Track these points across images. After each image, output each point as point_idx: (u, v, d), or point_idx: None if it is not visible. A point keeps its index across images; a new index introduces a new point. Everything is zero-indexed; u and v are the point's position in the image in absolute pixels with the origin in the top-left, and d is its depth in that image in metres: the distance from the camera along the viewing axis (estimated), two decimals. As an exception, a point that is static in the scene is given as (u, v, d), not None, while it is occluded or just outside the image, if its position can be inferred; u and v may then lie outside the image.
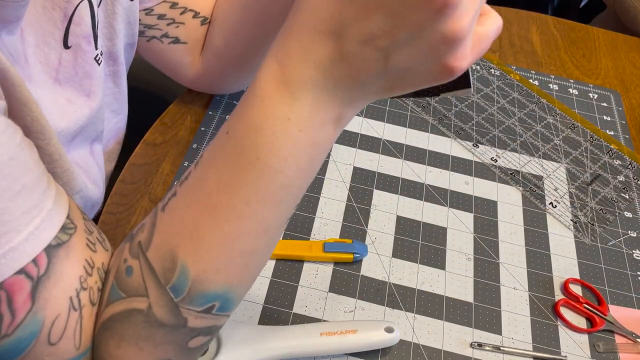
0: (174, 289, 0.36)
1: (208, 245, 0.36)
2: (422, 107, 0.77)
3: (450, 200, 0.67)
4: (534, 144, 0.75)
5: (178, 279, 0.36)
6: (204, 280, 0.36)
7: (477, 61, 0.86)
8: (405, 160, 0.70)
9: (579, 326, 0.57)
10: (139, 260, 0.37)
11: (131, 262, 0.38)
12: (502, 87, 0.82)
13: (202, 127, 0.69)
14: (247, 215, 0.35)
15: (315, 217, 0.63)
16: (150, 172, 0.65)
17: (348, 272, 0.58)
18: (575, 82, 0.86)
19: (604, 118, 0.81)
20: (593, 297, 0.60)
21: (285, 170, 0.34)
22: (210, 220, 0.36)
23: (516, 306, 0.58)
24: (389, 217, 0.64)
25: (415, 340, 0.54)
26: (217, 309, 0.38)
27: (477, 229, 0.64)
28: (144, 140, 0.67)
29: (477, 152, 0.73)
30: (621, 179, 0.73)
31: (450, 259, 0.61)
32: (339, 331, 0.51)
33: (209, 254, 0.36)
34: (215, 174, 0.35)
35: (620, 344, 0.57)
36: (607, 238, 0.66)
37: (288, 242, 0.59)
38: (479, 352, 0.54)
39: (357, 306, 0.56)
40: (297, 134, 0.34)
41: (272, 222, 0.37)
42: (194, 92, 0.74)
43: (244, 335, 0.50)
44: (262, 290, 0.56)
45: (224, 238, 0.36)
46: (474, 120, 0.77)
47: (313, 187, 0.65)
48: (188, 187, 0.37)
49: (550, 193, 0.69)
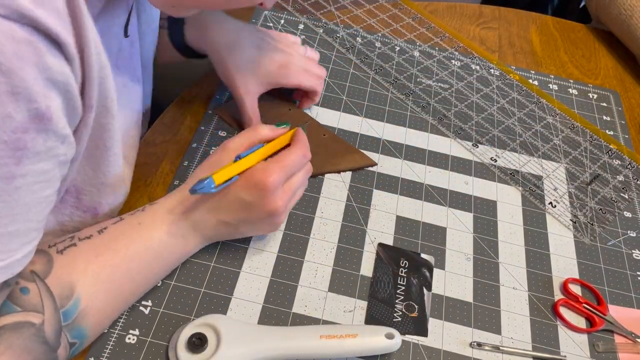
0: (65, 313, 0.44)
1: (101, 288, 0.47)
2: (421, 107, 0.77)
3: (450, 200, 0.67)
4: (533, 143, 0.75)
5: (71, 306, 0.44)
6: (86, 315, 0.46)
7: (477, 61, 0.86)
8: (405, 160, 0.70)
9: (578, 326, 0.57)
10: (35, 283, 0.44)
11: (26, 284, 0.43)
12: (502, 87, 0.83)
13: (201, 126, 0.69)
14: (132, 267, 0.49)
15: (315, 217, 0.63)
16: (150, 171, 0.65)
17: (348, 272, 0.58)
18: (574, 82, 0.86)
19: (604, 118, 0.81)
20: (592, 297, 0.60)
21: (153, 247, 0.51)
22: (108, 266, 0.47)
23: (516, 306, 0.58)
24: (388, 217, 0.64)
25: (415, 340, 0.54)
26: (74, 349, 0.46)
27: (477, 229, 0.64)
28: (143, 140, 0.67)
29: (477, 152, 0.73)
30: (621, 178, 0.73)
31: (450, 258, 0.61)
32: (338, 335, 0.51)
33: (98, 296, 0.46)
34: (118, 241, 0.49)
35: (620, 343, 0.57)
36: (607, 238, 0.66)
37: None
38: (478, 352, 0.54)
39: (357, 306, 0.56)
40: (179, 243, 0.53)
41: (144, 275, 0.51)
42: (193, 92, 0.74)
43: (243, 335, 0.50)
44: (261, 290, 0.56)
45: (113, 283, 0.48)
46: (473, 120, 0.77)
47: (313, 187, 0.65)
48: (91, 243, 0.48)
49: (549, 193, 0.69)
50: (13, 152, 0.35)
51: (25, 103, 0.35)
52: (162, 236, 0.51)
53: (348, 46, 0.84)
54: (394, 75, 0.81)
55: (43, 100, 0.36)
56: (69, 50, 0.37)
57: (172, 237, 0.52)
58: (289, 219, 0.62)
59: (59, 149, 0.40)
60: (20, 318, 0.42)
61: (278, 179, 0.52)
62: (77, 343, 0.46)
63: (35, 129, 0.36)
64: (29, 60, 0.34)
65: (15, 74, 0.33)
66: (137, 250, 0.50)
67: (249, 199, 0.52)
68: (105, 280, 0.47)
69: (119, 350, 0.50)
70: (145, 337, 0.51)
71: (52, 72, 0.36)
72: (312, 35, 0.85)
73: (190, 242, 0.54)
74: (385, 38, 0.87)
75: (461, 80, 0.82)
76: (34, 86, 0.35)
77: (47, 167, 0.39)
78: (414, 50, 0.86)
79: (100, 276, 0.47)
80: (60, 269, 0.45)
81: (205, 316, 0.51)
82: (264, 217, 0.53)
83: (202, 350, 0.48)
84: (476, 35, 0.92)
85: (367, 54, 0.84)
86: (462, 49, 0.88)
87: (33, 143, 0.36)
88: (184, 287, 0.55)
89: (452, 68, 0.84)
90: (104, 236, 0.49)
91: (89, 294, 0.46)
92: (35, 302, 0.43)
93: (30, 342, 0.42)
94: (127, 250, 0.49)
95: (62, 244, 0.47)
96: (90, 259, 0.47)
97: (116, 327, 0.51)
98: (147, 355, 0.50)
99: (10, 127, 0.34)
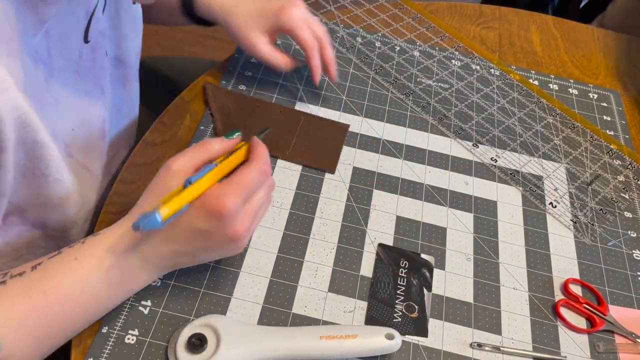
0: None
1: (27, 333, 0.43)
2: (421, 107, 0.77)
3: (450, 200, 0.66)
4: (533, 144, 0.75)
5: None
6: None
7: (477, 61, 0.86)
8: (405, 160, 0.70)
9: (578, 326, 0.57)
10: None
11: None
12: (502, 87, 0.82)
13: (201, 126, 0.69)
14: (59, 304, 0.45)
15: (314, 217, 0.62)
16: (150, 171, 0.64)
17: (348, 272, 0.58)
18: (575, 82, 0.86)
19: (604, 118, 0.81)
20: (593, 297, 0.60)
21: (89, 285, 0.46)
22: (36, 310, 0.44)
23: (516, 306, 0.58)
24: (388, 217, 0.64)
25: (415, 340, 0.54)
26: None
27: (477, 229, 0.64)
28: (143, 140, 0.67)
29: (477, 152, 0.73)
30: (621, 179, 0.72)
31: (450, 259, 0.61)
32: (338, 335, 0.50)
33: (22, 341, 0.43)
34: (49, 279, 0.45)
35: (620, 344, 0.57)
36: (607, 238, 0.66)
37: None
38: (478, 352, 0.54)
39: (357, 306, 0.56)
40: (123, 279, 0.48)
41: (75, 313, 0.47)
42: (193, 92, 0.74)
43: (242, 335, 0.50)
44: (261, 290, 0.56)
45: (41, 328, 0.44)
46: (473, 120, 0.77)
47: (313, 187, 0.65)
48: (21, 282, 0.44)
49: (550, 193, 0.69)
50: None
51: None
52: (100, 275, 0.46)
53: (348, 46, 0.84)
54: (394, 75, 0.81)
55: None
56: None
57: (112, 275, 0.47)
58: (289, 219, 0.62)
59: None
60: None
61: (236, 203, 0.46)
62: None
63: None
64: None
65: None
66: (68, 292, 0.45)
67: (206, 227, 0.46)
68: (32, 325, 0.44)
69: (118, 350, 0.50)
70: (145, 338, 0.51)
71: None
72: (312, 35, 0.85)
73: (138, 278, 0.49)
74: (385, 38, 0.87)
75: (461, 80, 0.82)
76: None
77: None
78: (414, 50, 0.86)
79: (27, 321, 0.43)
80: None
81: (205, 316, 0.51)
82: (224, 243, 0.48)
83: (201, 350, 0.48)
84: (476, 35, 0.92)
85: (367, 54, 0.84)
86: (462, 48, 0.88)
87: None
88: (184, 287, 0.55)
89: (452, 68, 0.84)
90: (35, 274, 0.45)
91: (12, 341, 0.43)
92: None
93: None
94: (56, 293, 0.45)
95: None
96: (17, 301, 0.43)
97: (115, 327, 0.51)
98: (147, 356, 0.50)
99: None
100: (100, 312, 0.49)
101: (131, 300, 0.53)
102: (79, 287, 0.46)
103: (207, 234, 0.47)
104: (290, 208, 0.63)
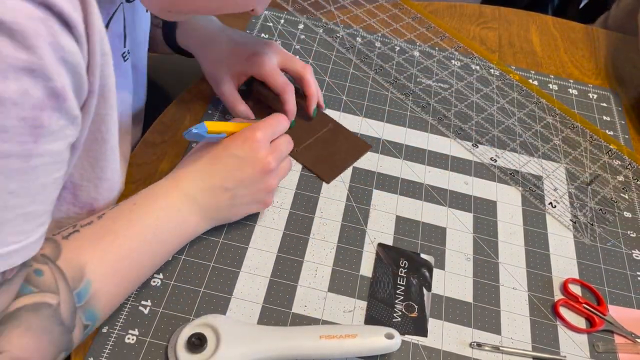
0: (78, 295, 0.45)
1: (109, 270, 0.47)
2: (421, 107, 0.77)
3: (450, 200, 0.67)
4: (533, 144, 0.75)
5: (83, 287, 0.45)
6: (98, 297, 0.46)
7: (477, 61, 0.86)
8: (405, 160, 0.70)
9: (578, 326, 0.57)
10: (48, 265, 0.44)
11: (39, 266, 0.44)
12: (502, 87, 0.82)
13: (201, 126, 0.69)
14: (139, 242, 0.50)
15: (314, 217, 0.63)
16: (150, 171, 0.64)
17: (347, 272, 0.58)
18: (574, 82, 0.86)
19: (604, 118, 0.81)
20: (592, 297, 0.60)
21: (160, 225, 0.52)
22: (112, 247, 0.48)
23: (515, 306, 0.58)
24: (388, 217, 0.64)
25: (414, 340, 0.54)
26: (87, 331, 0.46)
27: (477, 229, 0.64)
28: (143, 140, 0.67)
29: (477, 152, 0.73)
30: (621, 179, 0.72)
31: (450, 259, 0.61)
32: (338, 335, 0.51)
33: (107, 278, 0.47)
34: (119, 221, 0.50)
35: (620, 344, 0.57)
36: (607, 238, 0.66)
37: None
38: (478, 352, 0.54)
39: (357, 306, 0.56)
40: (176, 219, 0.53)
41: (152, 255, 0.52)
42: (193, 92, 0.74)
43: (242, 335, 0.50)
44: (261, 290, 0.56)
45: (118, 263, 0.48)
46: (473, 120, 0.77)
47: (313, 187, 0.65)
48: (93, 228, 0.48)
49: (549, 193, 0.69)
50: (31, 130, 0.36)
51: (42, 80, 0.35)
52: (157, 213, 0.51)
53: (348, 46, 0.84)
54: (394, 75, 0.81)
55: (58, 78, 0.37)
56: (79, 31, 0.38)
57: (165, 211, 0.52)
58: (289, 219, 0.62)
59: (69, 129, 0.40)
60: (38, 299, 0.42)
61: (264, 133, 0.56)
62: (90, 325, 0.46)
63: (51, 107, 0.37)
64: (44, 39, 0.35)
65: (32, 52, 0.34)
66: (135, 230, 0.50)
67: (241, 154, 0.54)
68: (112, 261, 0.48)
69: (118, 350, 0.50)
70: (145, 337, 0.51)
71: (65, 52, 0.37)
72: (312, 35, 0.85)
73: (186, 214, 0.54)
74: (385, 38, 0.87)
75: (461, 80, 0.82)
76: (50, 65, 0.36)
77: (60, 147, 0.40)
78: (414, 50, 0.86)
79: (107, 257, 0.48)
80: (68, 253, 0.46)
81: (205, 316, 0.51)
82: (257, 176, 0.55)
83: (201, 350, 0.48)
84: (476, 35, 0.92)
85: (367, 54, 0.84)
86: (462, 49, 0.88)
87: (49, 121, 0.37)
88: (184, 287, 0.55)
89: (452, 68, 0.84)
90: (103, 221, 0.49)
91: (98, 276, 0.46)
92: (49, 283, 0.43)
93: (49, 323, 0.42)
94: (126, 231, 0.49)
95: (65, 232, 0.48)
96: (95, 241, 0.48)
97: (115, 327, 0.51)
98: (147, 355, 0.50)
99: (29, 104, 0.35)
100: (163, 251, 0.53)
101: (131, 300, 0.53)
102: (142, 226, 0.50)
103: (242, 163, 0.55)
104: (290, 208, 0.63)
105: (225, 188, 0.55)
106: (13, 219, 0.38)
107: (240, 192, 0.55)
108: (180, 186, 0.53)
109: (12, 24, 0.33)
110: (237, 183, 0.55)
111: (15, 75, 0.34)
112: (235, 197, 0.56)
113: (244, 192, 0.56)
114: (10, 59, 0.33)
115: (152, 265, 0.52)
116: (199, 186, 0.54)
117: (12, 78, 0.34)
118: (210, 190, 0.54)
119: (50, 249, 0.45)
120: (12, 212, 0.37)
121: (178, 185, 0.53)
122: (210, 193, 0.54)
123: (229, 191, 0.55)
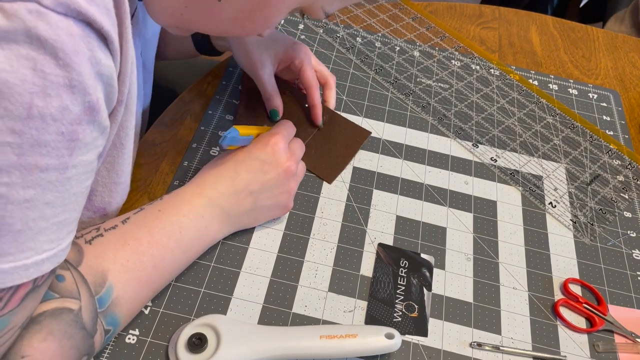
0: (99, 300, 0.45)
1: (131, 277, 0.48)
2: (421, 107, 0.77)
3: (450, 200, 0.67)
4: (533, 144, 0.75)
5: (105, 293, 0.46)
6: (119, 303, 0.47)
7: (477, 61, 0.86)
8: (405, 160, 0.70)
9: (578, 326, 0.57)
10: (69, 271, 0.45)
11: (61, 272, 0.44)
12: (502, 87, 0.82)
13: (201, 126, 0.69)
14: (162, 248, 0.51)
15: (314, 217, 0.63)
16: (150, 171, 0.64)
17: (348, 272, 0.58)
18: (574, 82, 0.86)
19: (604, 118, 0.81)
20: (592, 297, 0.60)
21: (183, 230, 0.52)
22: (135, 254, 0.49)
23: (516, 306, 0.58)
24: (388, 217, 0.64)
25: (415, 340, 0.54)
26: (108, 336, 0.47)
27: (477, 229, 0.64)
28: (143, 140, 0.67)
29: (477, 152, 0.73)
30: (621, 179, 0.73)
31: (450, 258, 0.61)
32: (338, 335, 0.51)
33: (129, 284, 0.48)
34: (143, 227, 0.51)
35: (620, 343, 0.57)
36: (607, 238, 0.66)
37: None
38: (478, 351, 0.54)
39: (357, 306, 0.56)
40: (199, 225, 0.54)
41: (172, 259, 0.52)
42: (193, 92, 0.74)
43: (243, 334, 0.50)
44: (261, 290, 0.56)
45: (141, 272, 0.49)
46: (473, 120, 0.77)
47: (313, 187, 0.65)
48: (117, 233, 0.49)
49: (549, 193, 0.69)
50: (68, 144, 0.37)
51: (80, 96, 0.36)
52: (181, 221, 0.52)
53: (348, 46, 0.84)
54: (394, 75, 0.81)
55: (94, 92, 0.37)
56: (114, 45, 0.39)
57: (189, 217, 0.53)
58: (289, 219, 0.62)
59: (100, 139, 0.41)
60: (59, 304, 0.43)
61: (282, 138, 0.58)
62: (111, 330, 0.47)
63: (86, 121, 0.38)
64: (84, 55, 0.36)
65: (72, 68, 0.35)
66: (158, 237, 0.50)
67: (265, 157, 0.56)
68: (134, 268, 0.48)
69: (118, 350, 0.50)
70: (145, 337, 0.51)
71: (101, 65, 0.38)
72: (312, 35, 0.85)
73: (210, 220, 0.54)
74: (385, 38, 0.87)
75: (461, 80, 0.82)
76: (88, 80, 0.36)
77: (92, 157, 0.41)
78: (414, 50, 0.86)
79: (129, 264, 0.48)
80: (91, 258, 0.46)
81: (205, 316, 0.51)
82: (280, 179, 0.57)
83: (202, 350, 0.48)
84: (476, 35, 0.92)
85: (367, 54, 0.84)
86: (462, 49, 0.88)
87: (84, 134, 0.38)
88: (184, 287, 0.55)
89: (452, 68, 0.84)
90: (127, 226, 0.50)
91: (120, 282, 0.47)
92: (71, 288, 0.44)
93: (70, 328, 0.43)
94: (150, 238, 0.50)
95: (88, 235, 0.48)
96: (118, 247, 0.48)
97: (116, 327, 0.52)
98: (147, 355, 0.50)
99: (68, 119, 0.36)
100: (185, 258, 0.54)
101: (132, 300, 0.53)
102: (165, 233, 0.51)
103: (265, 165, 0.56)
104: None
105: (249, 191, 0.56)
106: (48, 227, 0.38)
107: (263, 195, 0.57)
108: (204, 193, 0.54)
109: (55, 42, 0.34)
110: (261, 186, 0.56)
111: (57, 92, 0.35)
112: (257, 201, 0.57)
113: (267, 195, 0.57)
114: (52, 77, 0.34)
115: (173, 272, 0.53)
116: (224, 191, 0.55)
117: (53, 95, 0.35)
118: (234, 195, 0.55)
119: (73, 254, 0.46)
120: (48, 221, 0.38)
121: (202, 192, 0.54)
122: (235, 198, 0.55)
123: (253, 194, 0.56)
